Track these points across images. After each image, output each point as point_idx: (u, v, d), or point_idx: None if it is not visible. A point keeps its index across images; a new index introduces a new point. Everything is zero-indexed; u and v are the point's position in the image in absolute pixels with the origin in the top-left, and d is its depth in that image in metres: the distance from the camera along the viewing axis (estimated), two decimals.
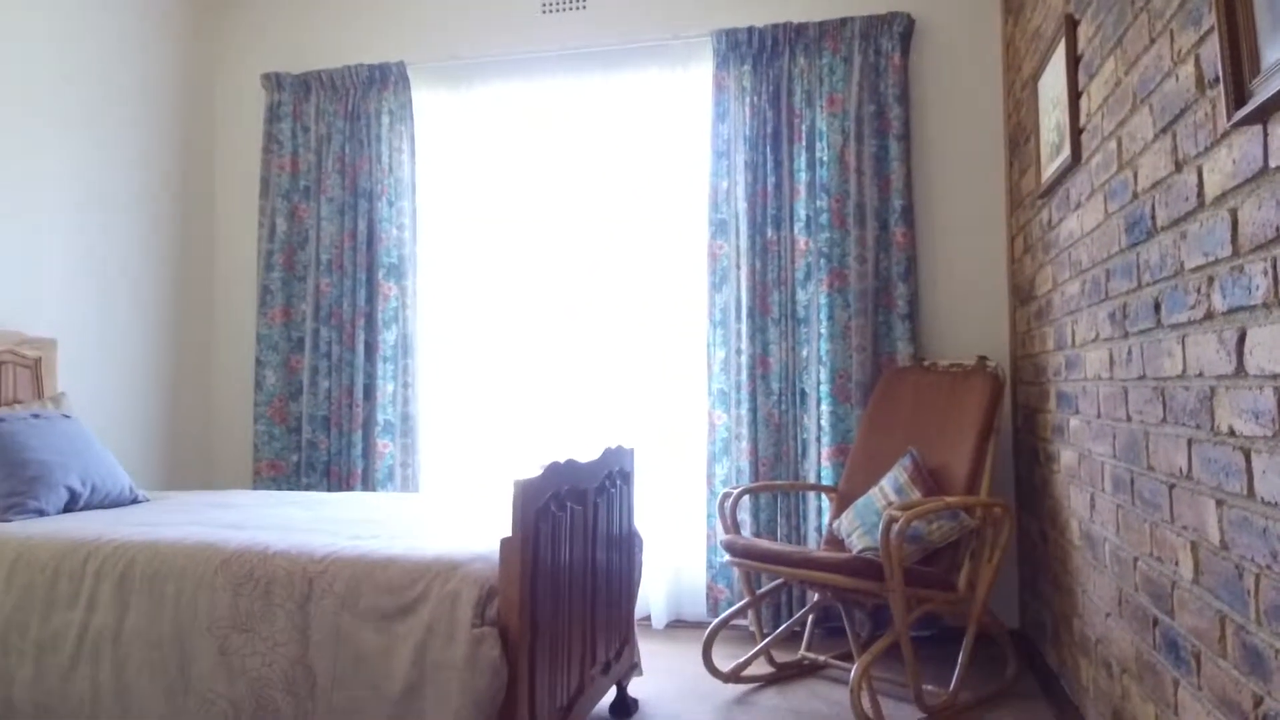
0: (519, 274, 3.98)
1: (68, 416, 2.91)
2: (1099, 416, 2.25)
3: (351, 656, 1.90)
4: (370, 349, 4.00)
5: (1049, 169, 2.70)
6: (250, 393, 4.21)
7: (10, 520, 2.45)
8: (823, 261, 3.52)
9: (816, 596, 3.19)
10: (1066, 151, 2.46)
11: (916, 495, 2.92)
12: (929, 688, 2.78)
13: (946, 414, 3.15)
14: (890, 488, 3.01)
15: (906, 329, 3.49)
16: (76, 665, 2.07)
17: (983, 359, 3.22)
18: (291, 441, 4.06)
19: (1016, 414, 3.42)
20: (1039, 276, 2.97)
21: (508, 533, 1.95)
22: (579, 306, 3.91)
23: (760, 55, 3.64)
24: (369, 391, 3.98)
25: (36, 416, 2.78)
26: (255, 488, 4.02)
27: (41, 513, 2.52)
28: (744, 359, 3.58)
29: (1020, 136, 3.25)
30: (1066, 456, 2.62)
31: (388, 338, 3.98)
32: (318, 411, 4.01)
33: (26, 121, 3.35)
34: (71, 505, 2.63)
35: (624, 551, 2.71)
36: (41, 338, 3.26)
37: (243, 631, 1.96)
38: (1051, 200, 2.76)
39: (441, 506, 2.76)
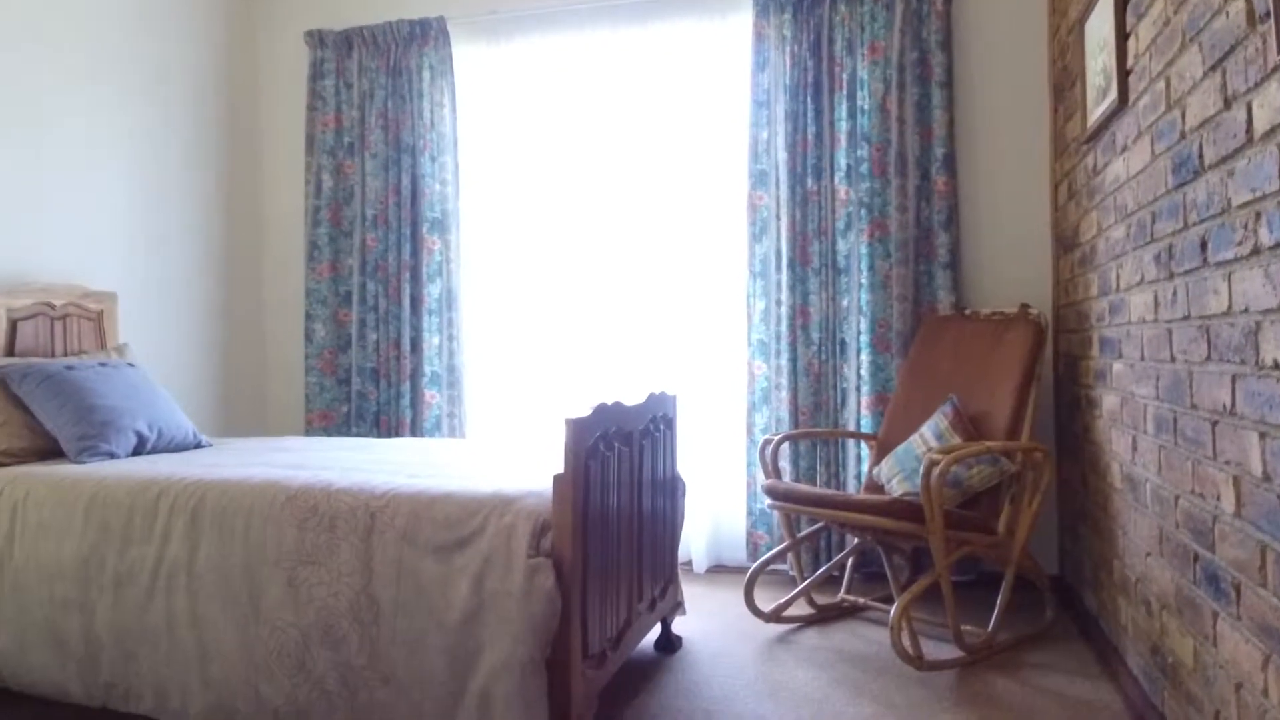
0: (560, 226, 4.03)
1: (132, 365, 3.03)
2: (1142, 359, 2.26)
3: (413, 586, 1.99)
4: (416, 302, 4.08)
5: (1095, 113, 2.67)
6: (301, 345, 4.33)
7: (84, 462, 2.57)
8: (863, 211, 3.53)
9: (856, 540, 3.24)
10: (1113, 94, 2.44)
11: (956, 441, 2.95)
12: (967, 628, 2.83)
13: (987, 362, 3.17)
14: (930, 434, 3.04)
15: (948, 278, 3.49)
16: (153, 597, 2.19)
17: (1025, 306, 3.22)
18: (341, 392, 4.18)
19: (1058, 362, 3.42)
20: (1083, 223, 2.96)
21: (558, 471, 2.02)
22: (619, 259, 3.95)
23: (800, 3, 3.61)
24: (415, 344, 4.07)
25: (103, 365, 2.90)
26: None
27: (112, 455, 2.64)
28: (784, 309, 3.61)
29: (1065, 81, 3.21)
30: (1109, 401, 2.63)
31: (432, 291, 4.06)
32: (366, 363, 4.12)
33: (86, 87, 3.44)
34: (139, 449, 2.75)
35: (667, 494, 2.78)
36: (103, 291, 3.38)
37: (309, 564, 2.06)
38: (1097, 145, 2.74)
39: (492, 450, 2.85)
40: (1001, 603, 2.82)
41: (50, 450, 2.67)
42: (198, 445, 2.98)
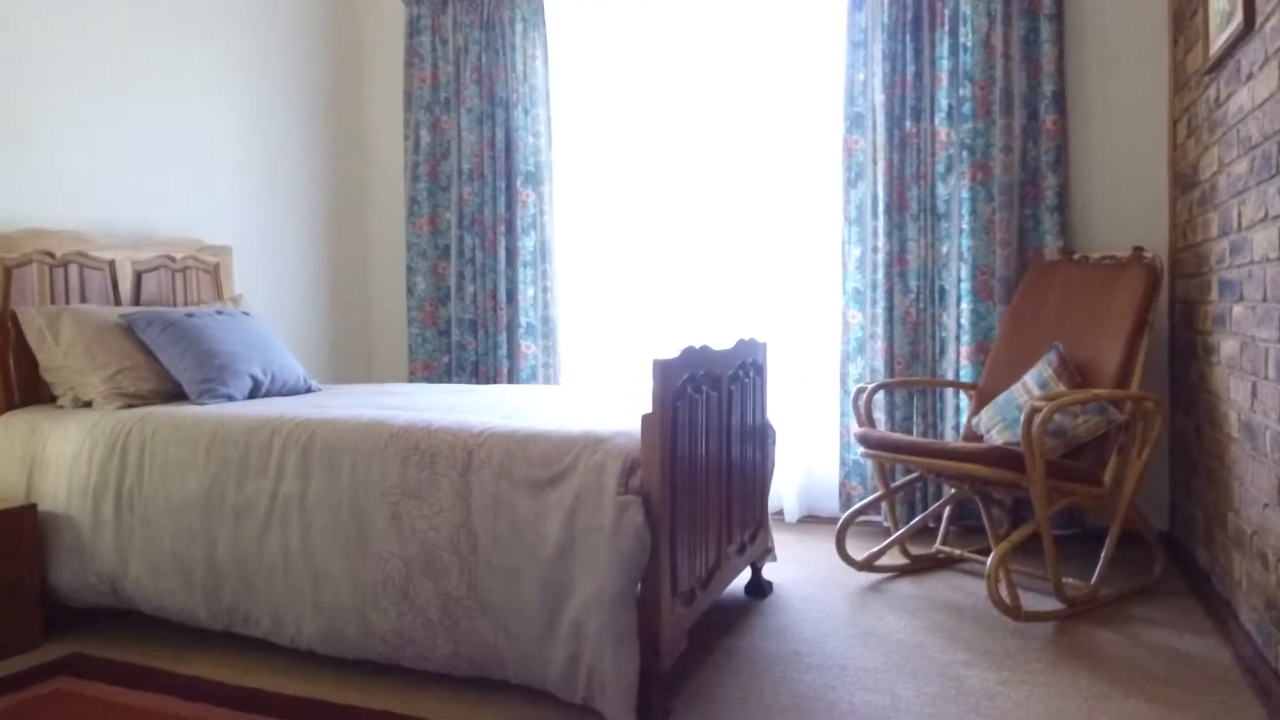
0: (651, 175, 4.02)
1: (247, 314, 3.19)
2: (1265, 300, 2.13)
3: (508, 521, 2.06)
4: (511, 255, 4.16)
5: (1218, 40, 2.50)
6: (403, 297, 4.47)
7: (204, 404, 2.73)
8: (965, 153, 3.40)
9: (952, 491, 3.18)
10: (1238, 18, 2.27)
11: (1061, 390, 2.85)
12: (1069, 581, 2.75)
13: (1097, 308, 3.03)
14: (1033, 382, 2.94)
15: (1055, 222, 3.34)
16: (269, 528, 2.32)
17: (1139, 250, 3.06)
18: (442, 343, 4.30)
19: (1173, 309, 3.25)
20: (1203, 160, 2.78)
21: (647, 412, 2.04)
22: (710, 207, 3.92)
23: None
24: (511, 296, 4.15)
25: (220, 313, 3.07)
26: None
27: (230, 398, 2.80)
28: (880, 257, 3.53)
29: (1186, 10, 3.01)
30: (1227, 347, 2.49)
31: (527, 243, 4.12)
32: (464, 315, 4.22)
33: (197, 52, 3.60)
34: (255, 392, 2.90)
35: (757, 440, 2.78)
36: (219, 245, 3.56)
37: (412, 498, 2.15)
38: (1220, 75, 2.57)
39: (584, 395, 2.90)
40: (1106, 556, 2.73)
41: (173, 393, 2.85)
42: (308, 390, 3.12)
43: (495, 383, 4.16)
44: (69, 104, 3.11)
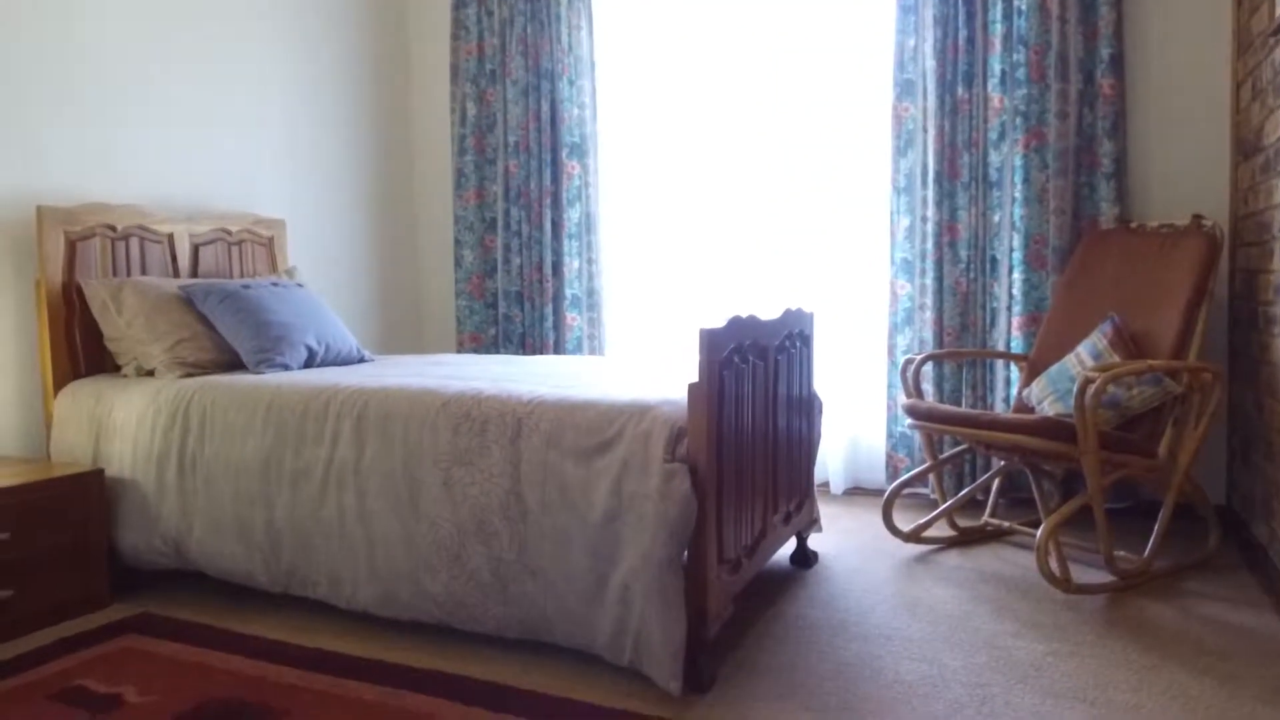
0: (696, 145, 4.00)
1: (301, 285, 3.25)
2: None
3: (557, 487, 2.09)
4: (557, 227, 4.17)
5: None
6: (451, 270, 4.51)
7: (261, 373, 2.80)
8: (1018, 120, 3.33)
9: (1002, 463, 3.15)
10: None
11: (1115, 360, 2.80)
12: (1121, 554, 2.72)
13: (1154, 277, 2.97)
14: (1087, 353, 2.89)
15: (1111, 189, 3.27)
16: (325, 493, 2.38)
17: (1198, 218, 2.98)
18: (489, 315, 4.35)
19: (1234, 279, 3.16)
20: (1268, 124, 2.69)
21: (693, 381, 2.05)
22: (756, 176, 3.90)
23: None
24: (556, 268, 4.18)
25: (275, 285, 3.14)
26: None
27: (286, 367, 2.87)
28: (930, 226, 3.48)
29: None
30: None
31: (572, 215, 4.14)
32: (511, 287, 4.26)
33: (250, 30, 3.65)
34: (310, 362, 2.97)
35: (803, 411, 2.77)
36: (273, 218, 3.63)
37: (463, 464, 2.19)
38: None
39: (630, 365, 2.92)
40: (1160, 529, 2.69)
41: (231, 362, 2.93)
42: (360, 360, 3.19)
43: (541, 354, 4.19)
44: (127, 82, 3.18)
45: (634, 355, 4.18)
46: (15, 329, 2.86)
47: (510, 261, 4.25)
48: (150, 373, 2.84)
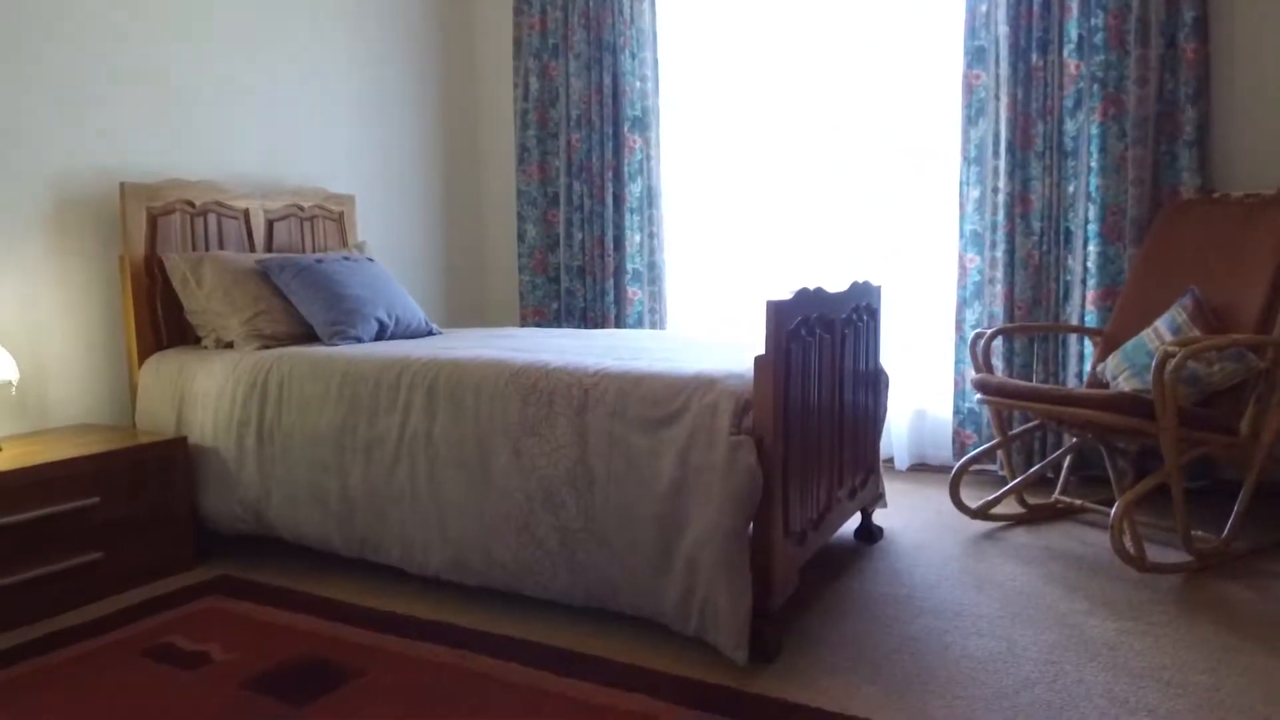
0: (759, 116, 3.96)
1: (371, 260, 3.32)
2: None
3: (623, 458, 2.11)
4: (618, 201, 4.18)
5: None
6: (514, 244, 4.56)
7: (334, 345, 2.87)
8: (1095, 87, 3.22)
9: (1074, 440, 3.08)
10: None
11: (1195, 335, 2.71)
12: (1198, 534, 2.65)
13: (1237, 249, 2.86)
14: (1166, 327, 2.81)
15: (1193, 158, 3.15)
16: (398, 462, 2.44)
17: None
18: (551, 290, 4.38)
19: None
20: None
21: (759, 353, 2.05)
22: (821, 147, 3.84)
23: None
24: (618, 242, 4.19)
25: (347, 259, 3.20)
26: None
27: (358, 339, 2.94)
28: (1001, 197, 3.40)
29: None
30: None
31: (633, 189, 4.13)
32: (573, 262, 4.29)
33: (318, 10, 3.71)
34: (380, 334, 3.03)
35: (870, 385, 2.75)
36: (343, 194, 3.70)
37: (531, 435, 2.23)
38: None
39: (694, 339, 2.92)
40: (1240, 509, 2.61)
41: (304, 334, 3.00)
42: (429, 333, 3.24)
43: (603, 328, 4.22)
44: (205, 63, 3.27)
45: (696, 329, 4.18)
46: (101, 302, 2.98)
47: (572, 236, 4.27)
48: (229, 344, 2.93)
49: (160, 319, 3.01)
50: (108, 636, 2.23)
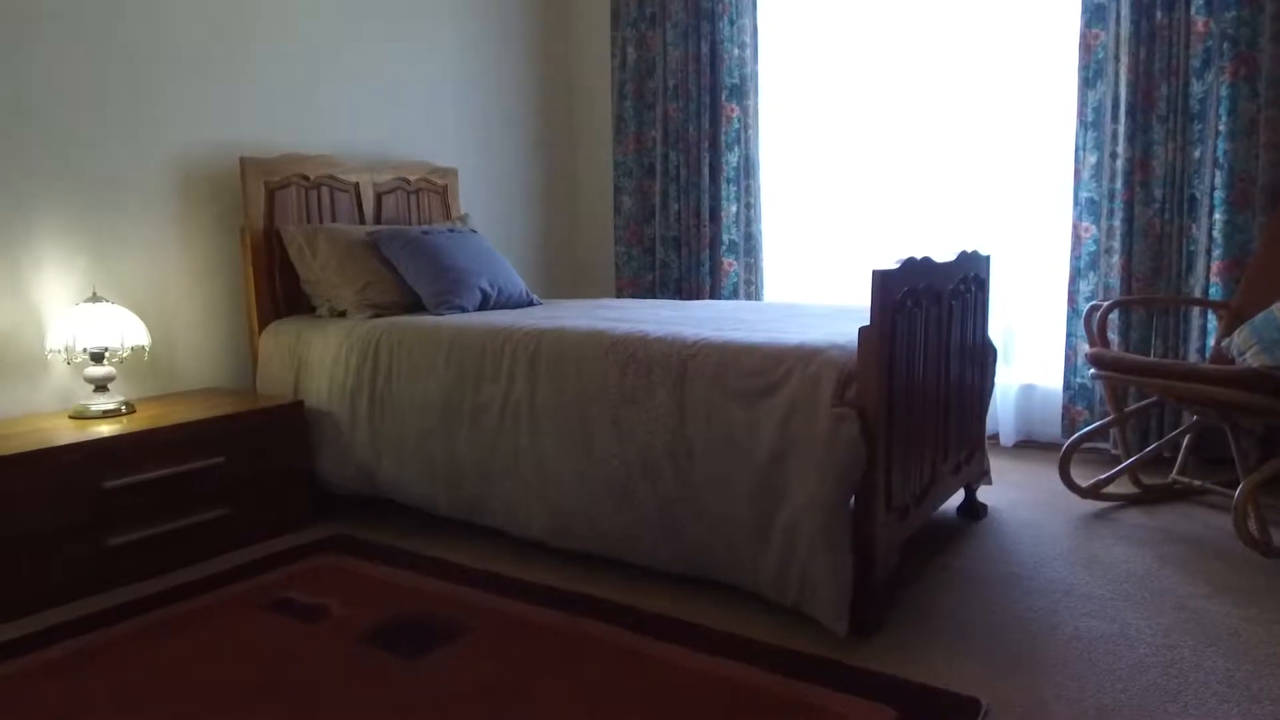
0: (863, 80, 3.86)
1: (474, 231, 3.39)
2: None
3: (722, 429, 2.12)
4: (714, 171, 4.15)
5: None
6: (610, 216, 4.58)
7: (440, 314, 2.95)
8: (1226, 45, 3.03)
9: (1195, 418, 2.94)
10: None
11: None
12: None
13: None
14: None
15: None
16: (502, 428, 2.50)
17: None
18: (646, 261, 4.40)
19: None
20: None
21: (864, 324, 2.02)
22: (926, 111, 3.73)
23: None
24: (714, 213, 4.17)
25: (452, 231, 3.28)
26: None
27: (463, 309, 3.01)
28: (1120, 163, 3.24)
29: None
30: None
31: (730, 159, 4.10)
32: (668, 233, 4.28)
33: None
34: (484, 304, 3.10)
35: (977, 359, 2.68)
36: (446, 167, 3.79)
37: (630, 404, 2.25)
38: None
39: (793, 310, 2.89)
40: None
41: (411, 304, 3.10)
42: (529, 303, 3.30)
43: (696, 300, 4.21)
44: (318, 42, 3.37)
45: (794, 300, 4.13)
46: (223, 272, 3.13)
47: (668, 207, 4.27)
48: (342, 313, 3.04)
49: (278, 288, 3.15)
50: (233, 589, 2.36)
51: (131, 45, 2.85)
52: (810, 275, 4.11)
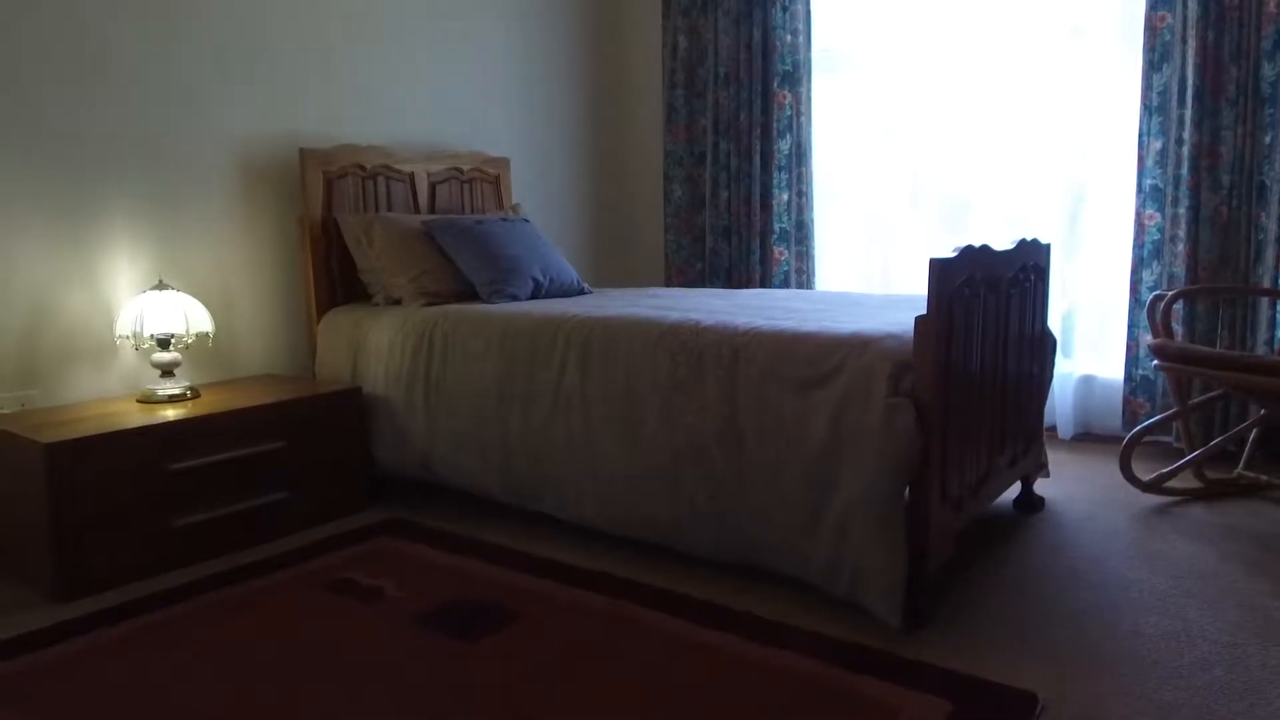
0: (918, 65, 3.80)
1: (526, 221, 3.42)
2: None
3: (774, 418, 2.11)
4: (766, 159, 4.12)
5: None
6: (660, 205, 4.58)
7: (493, 302, 2.98)
8: None
9: (1262, 412, 2.86)
10: None
11: None
12: None
13: None
14: None
15: None
16: (554, 416, 2.52)
17: None
18: (696, 250, 4.39)
19: None
20: None
21: (920, 314, 1.99)
22: (984, 97, 3.66)
23: None
24: (765, 201, 4.14)
25: (505, 220, 3.31)
26: None
27: (515, 297, 3.04)
28: (1186, 149, 3.15)
29: None
30: None
31: (782, 147, 4.07)
32: (719, 222, 4.27)
33: None
34: (536, 292, 3.13)
35: (1035, 349, 2.63)
36: (499, 157, 3.82)
37: (681, 393, 2.25)
38: None
39: (846, 299, 2.87)
40: None
41: (464, 292, 3.13)
42: (581, 292, 3.32)
43: (747, 289, 4.19)
44: (373, 35, 3.42)
45: (846, 290, 4.09)
46: (281, 260, 3.20)
47: (718, 195, 4.25)
48: (397, 301, 3.09)
49: (336, 276, 3.21)
50: (293, 570, 2.42)
51: (198, 41, 2.92)
52: (863, 265, 4.06)
